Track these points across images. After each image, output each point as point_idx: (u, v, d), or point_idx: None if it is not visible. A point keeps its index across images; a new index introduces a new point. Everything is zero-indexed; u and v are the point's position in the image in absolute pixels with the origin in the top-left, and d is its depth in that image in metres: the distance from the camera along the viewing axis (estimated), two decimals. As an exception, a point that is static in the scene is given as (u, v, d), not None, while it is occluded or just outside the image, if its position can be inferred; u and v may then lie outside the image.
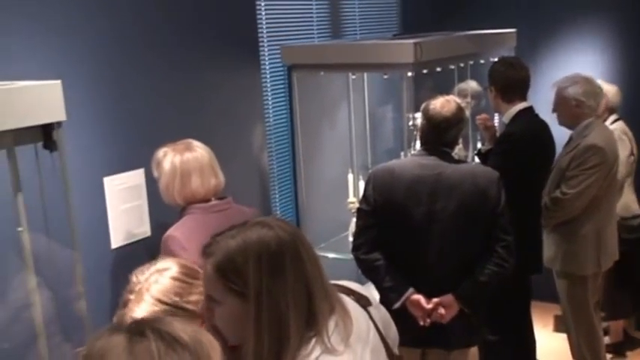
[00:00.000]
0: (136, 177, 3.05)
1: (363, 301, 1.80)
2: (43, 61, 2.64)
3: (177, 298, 1.74)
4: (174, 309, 1.73)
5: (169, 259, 1.84)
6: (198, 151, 2.81)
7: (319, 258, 1.69)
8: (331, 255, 4.07)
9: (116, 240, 3.02)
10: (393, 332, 1.87)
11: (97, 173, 2.92)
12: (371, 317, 1.78)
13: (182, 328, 1.17)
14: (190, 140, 2.86)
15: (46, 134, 1.93)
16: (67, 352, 2.34)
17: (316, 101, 4.28)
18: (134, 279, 1.79)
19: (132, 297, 1.76)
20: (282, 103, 4.20)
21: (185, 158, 2.76)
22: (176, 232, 2.69)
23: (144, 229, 3.14)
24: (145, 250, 3.13)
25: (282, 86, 4.18)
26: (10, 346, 2.50)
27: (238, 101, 3.72)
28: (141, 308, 1.72)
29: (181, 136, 3.09)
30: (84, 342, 2.11)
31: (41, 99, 1.89)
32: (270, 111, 4.08)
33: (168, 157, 2.77)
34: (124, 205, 3.03)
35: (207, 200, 2.80)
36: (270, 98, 4.07)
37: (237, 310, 1.57)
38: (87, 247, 2.52)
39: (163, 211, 2.96)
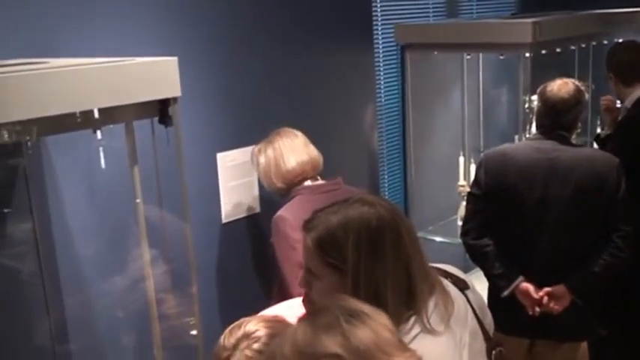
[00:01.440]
0: (247, 154, 3.09)
1: (461, 284, 1.76)
2: (160, 38, 2.72)
3: None
4: None
5: (258, 320, 1.79)
6: (289, 135, 2.88)
7: (419, 238, 1.67)
8: (438, 239, 4.01)
9: (227, 215, 3.08)
10: (488, 318, 1.83)
11: (211, 149, 2.98)
12: (468, 300, 1.74)
13: None
14: (282, 128, 2.92)
15: (162, 110, 1.97)
16: (176, 323, 2.41)
17: (429, 81, 4.21)
18: (222, 343, 1.76)
19: None
20: (394, 83, 4.15)
21: (277, 144, 2.84)
22: (286, 212, 2.74)
23: (253, 205, 3.19)
24: (254, 226, 3.19)
25: (394, 66, 4.13)
26: (124, 315, 2.61)
27: (350, 80, 3.70)
28: None
29: (292, 114, 3.12)
30: (192, 313, 2.19)
31: (158, 75, 1.94)
32: (382, 91, 4.04)
33: (263, 150, 2.86)
34: (235, 181, 3.09)
35: (312, 179, 2.82)
36: (382, 78, 4.03)
37: (334, 285, 1.56)
38: (198, 220, 2.59)
39: (273, 189, 2.99)
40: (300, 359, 1.18)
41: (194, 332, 2.22)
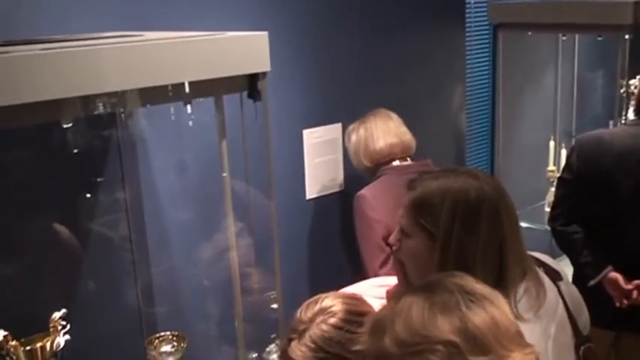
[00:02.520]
0: (333, 131, 3.10)
1: (553, 275, 1.72)
2: (251, 13, 2.74)
3: (338, 349, 1.72)
4: (335, 358, 1.72)
5: (335, 296, 1.80)
6: (383, 116, 2.89)
7: (519, 222, 1.64)
8: (524, 224, 3.91)
9: (311, 191, 3.10)
10: (584, 317, 1.77)
11: (297, 125, 3.00)
12: (560, 292, 1.69)
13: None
14: (378, 109, 2.94)
15: (251, 84, 1.99)
16: (257, 296, 2.45)
17: (521, 62, 4.10)
18: (298, 316, 1.78)
19: (294, 336, 1.76)
20: (485, 64, 4.06)
21: (369, 124, 2.86)
22: (367, 191, 2.75)
23: (338, 183, 3.19)
24: (338, 203, 3.19)
25: (486, 46, 4.03)
26: (207, 284, 2.67)
27: (439, 59, 3.64)
28: (302, 352, 1.72)
29: (379, 92, 3.10)
30: (274, 287, 2.21)
31: (248, 49, 1.95)
32: (472, 71, 3.96)
33: (356, 129, 2.89)
34: (320, 157, 3.10)
35: (402, 160, 2.81)
36: (472, 58, 3.94)
37: (423, 247, 1.57)
38: (282, 196, 2.61)
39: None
40: (411, 339, 1.10)
41: (275, 306, 2.24)
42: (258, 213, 2.26)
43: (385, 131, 2.84)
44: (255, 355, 2.47)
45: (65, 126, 1.69)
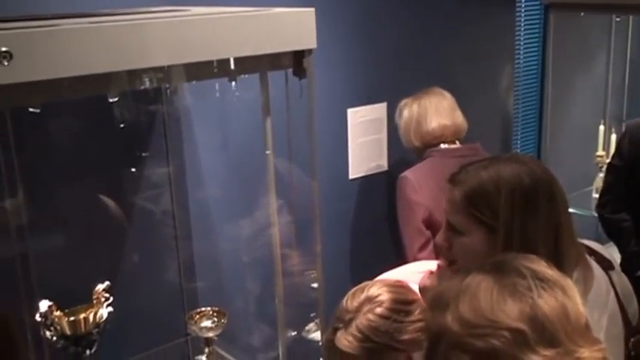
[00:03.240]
0: (378, 110, 3.07)
1: (605, 264, 1.67)
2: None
3: (386, 338, 1.70)
4: (383, 347, 1.70)
5: (381, 284, 1.77)
6: (438, 95, 2.83)
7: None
8: (571, 210, 3.84)
9: (354, 171, 3.07)
10: (633, 307, 1.72)
11: (341, 104, 2.97)
12: (611, 281, 1.64)
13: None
14: (433, 87, 2.87)
15: (296, 61, 1.97)
16: (298, 275, 2.45)
17: (572, 44, 4.00)
18: (344, 305, 1.76)
19: (341, 326, 1.74)
20: (535, 45, 3.96)
21: (423, 103, 2.80)
22: (410, 173, 2.71)
23: (381, 163, 3.16)
24: (381, 184, 3.17)
25: (536, 26, 3.94)
26: (248, 261, 2.67)
27: (488, 39, 3.57)
28: (349, 342, 1.70)
29: (426, 72, 3.05)
30: (315, 266, 2.20)
31: (294, 26, 1.93)
32: (521, 53, 3.88)
33: (408, 105, 2.83)
34: (364, 137, 3.07)
35: (451, 142, 2.76)
36: (522, 39, 3.86)
37: (481, 242, 1.53)
38: (325, 175, 2.59)
39: (402, 147, 2.96)
40: (476, 321, 1.05)
41: (315, 285, 2.23)
42: (300, 192, 2.25)
43: (439, 111, 2.78)
44: (294, 333, 2.48)
45: (111, 100, 1.70)
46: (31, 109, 1.58)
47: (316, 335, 2.45)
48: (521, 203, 1.49)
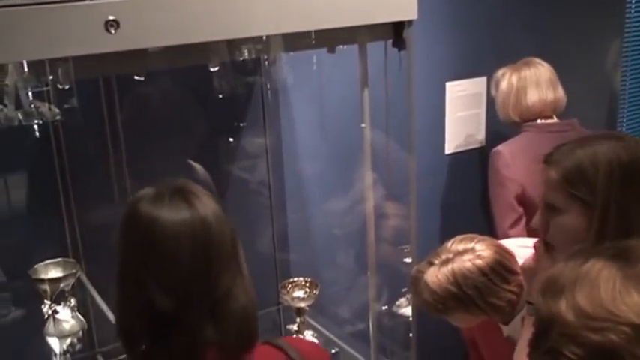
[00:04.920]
0: (477, 85, 2.99)
1: None
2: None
3: (474, 292, 1.67)
4: (467, 299, 1.67)
5: (491, 243, 1.75)
6: (538, 67, 2.71)
7: None
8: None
9: (450, 146, 3.02)
10: None
11: (440, 77, 2.91)
12: None
13: None
14: (531, 58, 2.75)
15: (396, 32, 1.94)
16: (391, 249, 2.44)
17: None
18: (448, 245, 1.74)
19: (436, 262, 1.73)
20: (646, 20, 3.77)
21: (522, 74, 2.69)
22: (504, 147, 2.64)
23: (479, 139, 3.09)
24: (477, 161, 3.10)
25: (648, 0, 3.74)
26: (341, 234, 2.68)
27: (595, 11, 3.41)
28: (438, 279, 1.69)
29: (529, 45, 2.95)
30: (408, 241, 2.19)
31: (395, -3, 1.90)
32: (631, 26, 3.69)
33: (506, 76, 2.72)
34: (461, 112, 3.01)
35: (547, 117, 2.66)
36: (632, 12, 3.67)
37: (578, 221, 1.49)
38: (421, 150, 2.55)
39: (501, 123, 2.88)
40: (594, 312, 0.96)
41: (408, 260, 2.22)
42: (395, 166, 2.23)
43: (539, 85, 2.66)
44: (384, 307, 2.47)
45: (212, 69, 1.73)
46: (135, 77, 1.62)
47: (407, 310, 2.44)
48: (619, 179, 1.45)
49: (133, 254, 1.24)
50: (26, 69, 1.52)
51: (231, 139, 2.51)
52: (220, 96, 2.21)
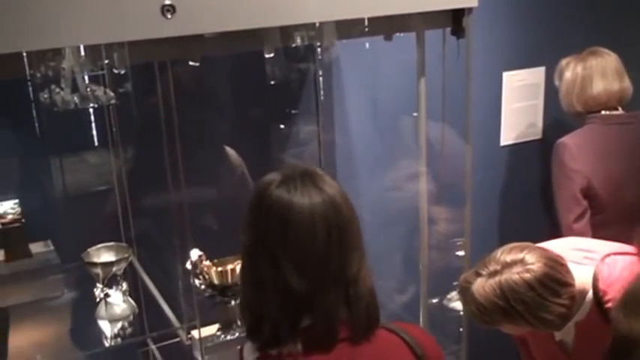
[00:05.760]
0: (535, 75, 2.93)
1: None
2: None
3: (522, 307, 1.61)
4: (515, 314, 1.62)
5: (541, 255, 1.68)
6: (605, 56, 2.64)
7: None
8: None
9: (506, 137, 2.96)
10: None
11: (498, 66, 2.86)
12: None
13: None
14: (598, 47, 2.68)
15: (455, 20, 1.89)
16: (444, 241, 2.40)
17: None
18: (497, 255, 1.68)
19: (484, 273, 1.67)
20: None
21: (588, 64, 2.63)
22: (570, 139, 2.58)
23: (535, 131, 3.02)
24: (534, 152, 3.04)
25: None
26: (393, 224, 2.64)
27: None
28: (485, 291, 1.63)
29: (587, 36, 2.86)
30: (462, 234, 2.14)
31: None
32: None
33: (571, 65, 2.66)
34: (519, 102, 2.94)
35: (612, 108, 2.59)
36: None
37: None
38: (476, 140, 2.50)
39: (559, 115, 2.81)
40: None
41: (461, 253, 2.18)
42: (450, 156, 2.19)
43: (605, 75, 2.60)
44: (436, 300, 2.44)
45: (267, 56, 1.71)
46: (190, 62, 1.61)
47: (457, 304, 2.40)
48: None
49: (269, 238, 1.26)
50: (82, 53, 1.53)
51: (282, 126, 2.50)
52: (273, 82, 2.19)
